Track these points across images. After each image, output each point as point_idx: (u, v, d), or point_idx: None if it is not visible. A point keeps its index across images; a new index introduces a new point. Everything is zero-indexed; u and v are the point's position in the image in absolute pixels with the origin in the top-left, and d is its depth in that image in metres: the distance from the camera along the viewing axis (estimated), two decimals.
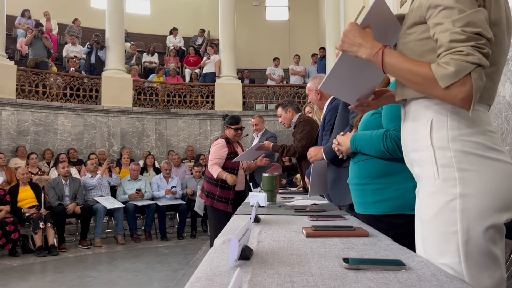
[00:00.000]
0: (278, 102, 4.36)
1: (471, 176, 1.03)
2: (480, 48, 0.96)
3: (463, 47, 0.96)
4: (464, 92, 0.96)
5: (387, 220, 1.57)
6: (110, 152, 9.38)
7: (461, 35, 0.97)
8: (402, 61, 1.08)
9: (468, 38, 0.96)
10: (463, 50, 0.96)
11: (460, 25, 0.98)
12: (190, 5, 13.75)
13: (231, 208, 3.99)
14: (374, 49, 1.09)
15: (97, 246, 6.14)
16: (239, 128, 4.18)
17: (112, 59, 9.63)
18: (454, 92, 0.97)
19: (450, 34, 0.99)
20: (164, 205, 6.89)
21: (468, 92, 0.96)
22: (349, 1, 8.45)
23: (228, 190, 4.02)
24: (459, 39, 0.97)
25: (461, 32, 0.97)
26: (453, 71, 0.95)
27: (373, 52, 1.09)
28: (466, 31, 0.97)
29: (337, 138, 1.80)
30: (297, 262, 1.03)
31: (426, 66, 1.02)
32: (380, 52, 1.08)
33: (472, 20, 0.98)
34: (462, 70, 0.95)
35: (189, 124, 10.15)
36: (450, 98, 0.98)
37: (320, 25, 13.43)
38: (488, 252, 1.03)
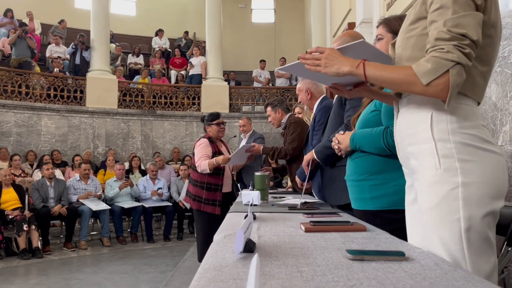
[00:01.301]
0: (267, 101, 4.37)
1: (470, 166, 1.08)
2: (461, 47, 1.03)
3: (445, 45, 1.04)
4: (441, 86, 1.04)
5: (384, 215, 1.60)
6: (95, 154, 9.27)
7: (446, 34, 1.05)
8: (383, 69, 1.16)
9: (451, 37, 1.04)
10: (444, 48, 1.04)
11: (449, 25, 1.05)
12: (175, 7, 13.72)
13: (219, 210, 3.94)
14: (355, 63, 1.17)
15: (82, 249, 6.05)
16: (221, 123, 4.12)
17: (97, 59, 9.54)
18: (434, 87, 1.05)
19: (438, 33, 1.07)
20: (150, 206, 6.83)
21: (446, 87, 1.03)
22: (335, 5, 8.54)
23: (215, 192, 3.96)
24: (443, 37, 1.05)
25: (447, 31, 1.05)
26: (432, 68, 1.04)
27: (355, 65, 1.16)
28: (451, 31, 1.04)
29: (337, 136, 1.82)
30: (301, 254, 1.05)
31: (407, 68, 1.10)
32: (361, 64, 1.15)
33: (460, 22, 1.05)
34: (440, 67, 1.03)
35: (175, 126, 10.11)
36: (431, 93, 1.06)
37: (306, 28, 13.54)
38: (487, 238, 1.08)
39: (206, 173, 3.96)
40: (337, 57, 1.18)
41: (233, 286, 0.78)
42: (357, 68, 1.14)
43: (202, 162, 3.88)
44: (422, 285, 0.78)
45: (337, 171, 2.35)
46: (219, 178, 4.00)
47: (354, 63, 1.15)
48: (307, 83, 3.13)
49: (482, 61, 1.13)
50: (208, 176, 3.97)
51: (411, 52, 1.20)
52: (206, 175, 3.97)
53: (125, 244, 6.44)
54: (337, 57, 1.18)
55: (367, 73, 1.13)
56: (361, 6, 6.10)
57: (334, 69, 1.17)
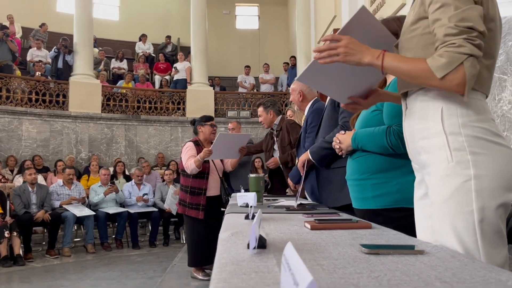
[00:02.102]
0: (260, 101, 4.37)
1: (482, 158, 1.10)
2: (471, 40, 1.05)
3: (456, 40, 1.06)
4: (458, 79, 1.05)
5: (386, 214, 1.60)
6: (78, 159, 9.11)
7: (454, 29, 1.07)
8: (400, 60, 1.17)
9: (460, 31, 1.06)
10: (455, 42, 1.05)
11: (454, 21, 1.08)
12: (159, 12, 13.66)
13: (202, 214, 3.91)
14: (376, 53, 1.17)
15: (65, 256, 5.91)
16: (214, 125, 4.15)
17: (80, 64, 9.40)
18: (449, 81, 1.06)
19: (445, 29, 1.08)
20: (136, 212, 6.72)
21: (462, 79, 1.05)
22: (320, 11, 8.63)
23: (198, 195, 3.94)
24: (452, 33, 1.07)
25: (454, 26, 1.07)
26: (446, 62, 1.05)
27: (375, 55, 1.17)
28: (459, 25, 1.06)
29: (337, 136, 1.82)
30: (314, 249, 1.04)
31: (422, 61, 1.11)
32: (381, 55, 1.16)
33: (465, 16, 1.07)
34: (454, 60, 1.05)
35: (159, 131, 10.02)
36: (446, 86, 1.07)
37: (290, 35, 13.64)
38: (499, 230, 1.10)
39: (190, 177, 3.94)
40: (358, 46, 1.18)
41: (256, 278, 0.77)
42: (377, 59, 1.15)
43: (188, 163, 3.87)
44: (445, 275, 0.78)
45: (333, 172, 2.36)
46: (203, 181, 3.98)
47: (375, 54, 1.16)
48: (301, 85, 3.15)
49: (486, 54, 1.16)
50: (193, 179, 3.95)
51: (414, 52, 1.22)
52: (190, 179, 3.96)
53: (110, 250, 6.32)
54: (357, 46, 1.17)
55: (385, 64, 1.14)
56: (347, 13, 6.18)
57: (356, 58, 1.17)
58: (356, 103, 1.43)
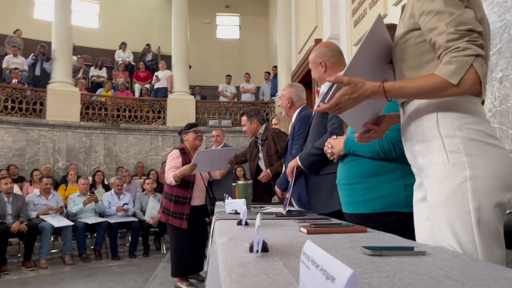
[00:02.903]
0: (243, 110, 4.36)
1: (477, 160, 1.12)
2: (474, 41, 1.09)
3: (459, 44, 1.09)
4: (471, 80, 1.07)
5: (377, 218, 1.62)
6: (55, 168, 8.90)
7: (455, 34, 1.09)
8: (404, 82, 1.17)
9: (461, 35, 1.09)
10: (459, 46, 1.08)
11: (453, 26, 1.11)
12: (139, 20, 13.58)
13: (186, 224, 3.85)
14: (375, 88, 1.16)
15: (42, 267, 5.73)
16: (198, 131, 4.10)
17: (59, 71, 9.21)
18: (465, 84, 1.07)
19: (446, 35, 1.11)
20: (115, 222, 6.59)
21: (475, 79, 1.07)
22: (301, 22, 8.72)
23: (182, 205, 3.87)
24: (454, 38, 1.10)
25: (455, 31, 1.10)
26: (457, 67, 1.07)
27: (376, 89, 1.16)
28: (459, 29, 1.10)
29: (329, 141, 1.84)
30: None
31: (431, 75, 1.12)
32: (381, 87, 1.16)
33: (462, 20, 1.11)
34: (464, 64, 1.07)
35: (139, 140, 9.89)
36: (462, 90, 1.08)
37: (270, 44, 13.75)
38: (496, 230, 1.11)
39: (175, 185, 3.89)
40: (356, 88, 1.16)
41: (268, 279, 0.76)
42: (378, 91, 1.15)
43: (168, 175, 3.83)
44: (453, 274, 0.79)
45: (322, 179, 2.37)
46: (188, 191, 3.93)
47: (375, 86, 1.16)
48: (291, 92, 3.17)
49: None
50: (177, 188, 3.90)
51: (409, 62, 1.25)
52: (175, 188, 3.91)
53: (89, 261, 6.17)
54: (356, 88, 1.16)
55: (387, 89, 1.15)
56: (328, 23, 6.26)
57: (360, 100, 1.18)
58: (371, 130, 1.44)
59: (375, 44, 1.29)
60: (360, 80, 1.17)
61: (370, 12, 4.82)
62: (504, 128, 2.52)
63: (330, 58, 2.37)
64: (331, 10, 6.12)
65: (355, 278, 0.42)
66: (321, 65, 2.37)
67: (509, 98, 2.49)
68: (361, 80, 1.17)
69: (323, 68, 2.37)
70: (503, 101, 2.54)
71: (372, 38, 1.25)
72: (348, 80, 1.16)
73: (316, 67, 2.40)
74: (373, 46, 1.28)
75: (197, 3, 13.23)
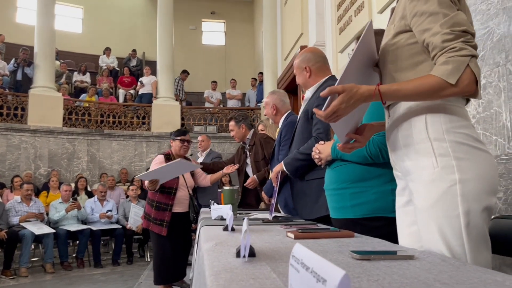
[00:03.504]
0: (231, 115, 4.32)
1: (466, 164, 1.12)
2: (468, 42, 1.10)
3: (455, 44, 1.09)
4: (467, 80, 1.07)
5: (364, 223, 1.61)
6: (36, 175, 8.73)
7: (451, 34, 1.10)
8: (400, 84, 1.15)
9: (457, 36, 1.10)
10: (455, 46, 1.08)
11: (447, 27, 1.11)
12: (124, 25, 13.49)
13: (165, 231, 3.78)
14: (371, 92, 1.16)
15: (22, 276, 5.59)
16: (185, 140, 4.01)
17: (41, 76, 9.06)
18: (461, 83, 1.08)
19: (441, 36, 1.11)
20: (98, 229, 6.48)
21: (471, 79, 1.08)
22: (286, 28, 8.77)
23: (163, 211, 3.81)
24: (449, 38, 1.10)
25: (451, 32, 1.10)
26: (454, 67, 1.07)
27: (371, 94, 1.16)
28: (454, 30, 1.10)
29: (317, 146, 1.83)
30: None
31: (427, 76, 1.11)
32: (377, 91, 1.16)
33: (456, 21, 1.12)
34: (460, 64, 1.07)
35: (123, 146, 9.78)
36: (460, 90, 1.08)
37: (256, 51, 13.79)
38: (484, 233, 1.12)
39: (158, 191, 3.83)
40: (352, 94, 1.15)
41: (256, 284, 0.74)
42: (374, 94, 1.15)
43: (146, 182, 3.78)
44: (442, 277, 0.79)
45: (307, 184, 2.37)
46: (170, 197, 3.86)
47: (371, 90, 1.15)
48: (275, 99, 3.16)
49: None
50: (159, 194, 3.85)
51: (399, 63, 1.25)
52: (157, 194, 3.85)
53: (70, 270, 6.04)
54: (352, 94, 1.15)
55: (383, 92, 1.15)
56: (314, 30, 6.30)
57: (356, 105, 1.17)
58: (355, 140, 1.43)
59: (365, 50, 1.29)
60: (354, 85, 1.16)
61: (355, 19, 4.86)
62: (488, 134, 2.55)
63: (315, 63, 2.38)
64: (317, 17, 6.17)
65: (347, 280, 0.41)
66: (306, 70, 2.38)
67: (492, 104, 2.53)
68: (355, 85, 1.16)
69: (308, 73, 2.38)
70: (486, 108, 2.57)
71: (364, 46, 1.26)
72: (342, 88, 1.15)
73: (301, 72, 2.41)
74: (363, 53, 1.29)
75: (182, 9, 13.22)
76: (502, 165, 2.42)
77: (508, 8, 2.44)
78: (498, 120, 2.48)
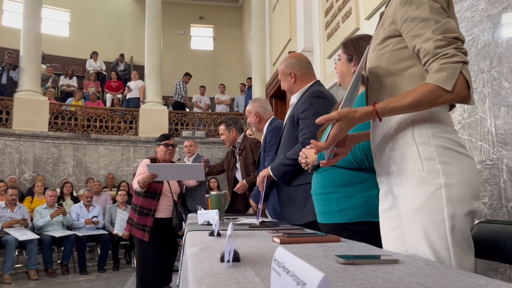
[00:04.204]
0: (221, 118, 4.28)
1: (450, 168, 1.13)
2: (460, 48, 1.10)
3: (448, 50, 1.09)
4: (460, 85, 1.08)
5: (351, 227, 1.61)
6: (21, 180, 8.60)
7: (443, 41, 1.10)
8: (395, 99, 1.15)
9: (449, 42, 1.10)
10: (448, 52, 1.09)
11: (439, 33, 1.12)
12: (112, 29, 13.43)
13: (148, 237, 3.73)
14: (368, 113, 1.17)
15: (5, 283, 5.48)
16: (169, 144, 3.97)
17: (27, 79, 8.95)
18: (456, 90, 1.08)
19: (434, 42, 1.12)
20: (84, 235, 6.39)
21: (464, 85, 1.08)
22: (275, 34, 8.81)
23: (146, 216, 3.77)
24: (442, 44, 1.10)
25: (443, 38, 1.10)
26: (449, 74, 1.08)
27: (369, 115, 1.17)
28: (446, 37, 1.10)
29: (304, 151, 1.83)
30: None
31: (423, 85, 1.11)
32: (374, 112, 1.16)
33: (448, 28, 1.12)
34: (454, 70, 1.08)
35: (110, 151, 9.69)
36: (455, 96, 1.09)
37: (245, 56, 13.82)
38: (467, 237, 1.12)
39: (141, 196, 3.79)
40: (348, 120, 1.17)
41: None
42: (373, 116, 1.16)
43: (134, 180, 3.76)
44: (426, 281, 0.78)
45: (294, 190, 2.36)
46: (153, 202, 3.82)
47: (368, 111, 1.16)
48: (256, 106, 3.17)
49: None
50: (143, 199, 3.80)
51: (386, 67, 1.25)
52: (141, 198, 3.81)
53: (55, 276, 5.94)
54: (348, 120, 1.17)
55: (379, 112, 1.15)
56: (302, 36, 6.34)
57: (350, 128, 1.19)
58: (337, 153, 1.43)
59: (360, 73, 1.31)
60: (350, 110, 1.17)
61: (343, 25, 4.90)
62: (473, 140, 2.58)
63: (300, 69, 2.40)
64: (305, 23, 6.21)
65: (326, 282, 0.40)
66: (291, 75, 2.40)
67: (477, 110, 2.56)
68: (351, 110, 1.17)
69: (293, 79, 2.40)
70: (471, 114, 2.60)
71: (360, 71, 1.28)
72: (338, 115, 1.16)
73: (286, 78, 2.43)
74: None
75: (171, 13, 13.21)
76: (487, 170, 2.45)
77: (492, 16, 2.48)
78: (483, 125, 2.51)
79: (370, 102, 1.31)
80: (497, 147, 2.39)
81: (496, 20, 2.45)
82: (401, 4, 1.21)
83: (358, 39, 1.74)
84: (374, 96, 1.30)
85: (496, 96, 2.42)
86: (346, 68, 1.71)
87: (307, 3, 6.17)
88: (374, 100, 1.28)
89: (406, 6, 1.19)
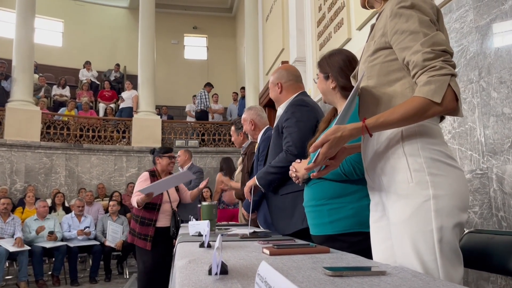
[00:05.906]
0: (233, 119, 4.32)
1: (439, 179, 1.13)
2: (448, 61, 1.12)
3: (436, 63, 1.10)
4: (449, 97, 1.09)
5: (343, 238, 1.61)
6: (12, 190, 8.52)
7: (431, 53, 1.11)
8: (384, 114, 1.16)
9: (437, 55, 1.11)
10: (436, 65, 1.10)
11: (428, 46, 1.13)
12: (105, 39, 13.43)
13: (149, 246, 3.83)
14: (358, 130, 1.18)
15: None
16: (172, 157, 4.11)
17: (19, 89, 8.91)
18: (445, 103, 1.09)
19: (422, 54, 1.13)
20: (75, 246, 6.32)
21: (452, 97, 1.09)
22: (268, 44, 8.86)
23: (147, 226, 3.87)
24: (430, 57, 1.12)
25: (431, 51, 1.11)
26: (437, 86, 1.08)
27: (359, 132, 1.18)
28: (435, 49, 1.12)
29: (293, 164, 1.84)
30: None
31: (413, 99, 1.12)
32: (364, 127, 1.17)
33: (436, 41, 1.13)
34: (443, 83, 1.09)
35: (103, 160, 9.63)
36: (444, 108, 1.09)
37: (238, 66, 13.87)
38: (456, 249, 1.13)
39: (141, 207, 3.86)
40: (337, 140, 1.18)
41: None
42: (363, 133, 1.17)
43: (133, 199, 3.85)
44: None
45: (281, 199, 2.37)
46: (153, 213, 3.92)
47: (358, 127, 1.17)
48: (252, 114, 3.17)
49: None
50: (144, 210, 3.91)
51: (377, 79, 1.27)
52: (141, 209, 3.90)
53: None
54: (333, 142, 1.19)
55: (370, 127, 1.16)
56: (295, 46, 6.38)
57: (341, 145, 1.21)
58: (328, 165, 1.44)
59: None
60: (339, 128, 1.18)
61: (335, 35, 4.94)
62: (463, 149, 2.60)
63: (287, 81, 2.46)
64: (298, 33, 6.25)
65: None
66: (278, 86, 2.47)
67: (467, 120, 2.58)
68: (339, 128, 1.18)
69: (279, 89, 2.47)
70: (461, 123, 2.63)
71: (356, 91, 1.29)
72: (326, 140, 1.19)
73: (273, 87, 2.51)
74: None
75: (164, 23, 13.25)
76: (477, 179, 2.47)
77: (481, 27, 2.51)
78: (472, 135, 2.53)
79: (362, 114, 1.32)
80: (486, 157, 2.41)
81: (484, 31, 2.49)
82: (391, 17, 1.22)
83: (330, 56, 1.79)
84: (365, 107, 1.31)
85: (485, 106, 2.44)
86: (325, 85, 1.75)
87: (300, 14, 6.22)
88: (366, 112, 1.29)
89: (396, 19, 1.21)
